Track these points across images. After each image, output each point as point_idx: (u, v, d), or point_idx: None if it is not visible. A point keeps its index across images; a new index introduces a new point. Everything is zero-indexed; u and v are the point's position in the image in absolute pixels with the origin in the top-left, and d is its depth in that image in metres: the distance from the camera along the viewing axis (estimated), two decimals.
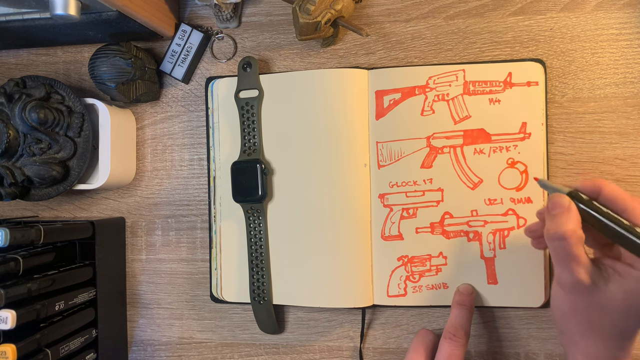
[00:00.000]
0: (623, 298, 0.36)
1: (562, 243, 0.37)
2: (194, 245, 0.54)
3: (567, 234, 0.36)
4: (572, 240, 0.36)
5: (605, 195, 0.38)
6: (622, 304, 0.36)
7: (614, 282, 0.37)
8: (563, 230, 0.37)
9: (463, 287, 0.48)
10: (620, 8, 0.48)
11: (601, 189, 0.38)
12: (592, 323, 0.38)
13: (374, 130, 0.50)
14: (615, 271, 0.37)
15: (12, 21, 0.47)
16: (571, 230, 0.37)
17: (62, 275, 0.47)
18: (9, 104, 0.48)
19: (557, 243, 0.37)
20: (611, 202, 0.37)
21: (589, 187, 0.38)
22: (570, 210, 0.37)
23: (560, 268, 0.38)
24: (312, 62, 0.52)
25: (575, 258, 0.37)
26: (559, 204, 0.38)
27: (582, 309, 0.38)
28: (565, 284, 0.38)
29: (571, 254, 0.37)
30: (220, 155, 0.52)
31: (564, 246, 0.37)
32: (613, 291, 0.36)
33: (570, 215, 0.37)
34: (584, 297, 0.37)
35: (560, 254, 0.37)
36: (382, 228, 0.50)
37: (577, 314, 0.38)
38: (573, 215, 0.37)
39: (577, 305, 0.38)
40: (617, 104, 0.48)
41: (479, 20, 0.50)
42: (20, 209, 0.57)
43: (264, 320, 0.52)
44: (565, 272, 0.37)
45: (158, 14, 0.50)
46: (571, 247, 0.36)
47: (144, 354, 0.55)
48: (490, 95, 0.48)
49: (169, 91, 0.55)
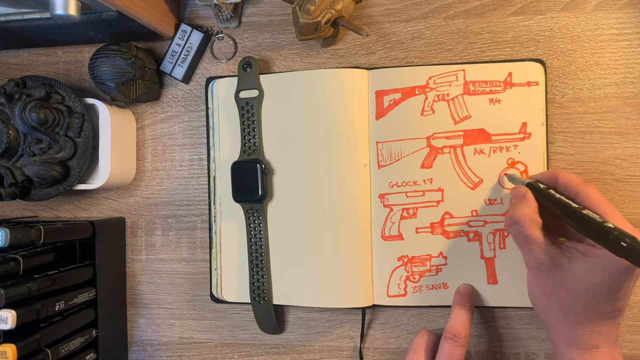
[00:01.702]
0: (587, 276, 0.38)
1: (518, 227, 0.40)
2: (194, 245, 0.54)
3: (521, 217, 0.40)
4: (526, 222, 0.40)
5: (561, 182, 0.41)
6: (587, 282, 0.38)
7: (576, 261, 0.39)
8: (517, 215, 0.40)
9: (463, 287, 0.48)
10: (620, 8, 0.48)
11: (557, 178, 0.41)
12: (563, 305, 0.40)
13: (374, 130, 0.50)
14: (578, 251, 0.39)
15: (12, 21, 0.47)
16: (525, 214, 0.40)
17: (62, 275, 0.47)
18: (9, 104, 0.48)
19: (514, 228, 0.41)
20: (566, 189, 0.40)
21: (547, 177, 0.42)
22: (526, 198, 0.41)
23: (523, 251, 0.41)
24: (312, 62, 0.52)
25: (531, 239, 0.39)
26: (517, 193, 0.42)
27: (551, 291, 0.40)
28: (529, 266, 0.41)
29: (527, 236, 0.40)
30: (220, 155, 0.52)
31: (520, 229, 0.40)
32: (577, 269, 0.38)
33: (526, 201, 0.41)
34: (550, 277, 0.40)
35: (518, 237, 0.41)
36: (382, 228, 0.50)
37: (548, 296, 0.40)
38: (529, 201, 0.41)
39: (546, 287, 0.40)
40: (617, 104, 0.48)
41: (479, 20, 0.50)
42: (20, 209, 0.57)
43: (264, 320, 0.52)
44: (527, 255, 0.41)
45: (158, 14, 0.50)
46: (526, 230, 0.39)
47: (144, 354, 0.55)
48: (490, 95, 0.48)
49: (169, 91, 0.55)
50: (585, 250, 0.39)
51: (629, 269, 0.37)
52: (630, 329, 0.48)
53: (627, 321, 0.48)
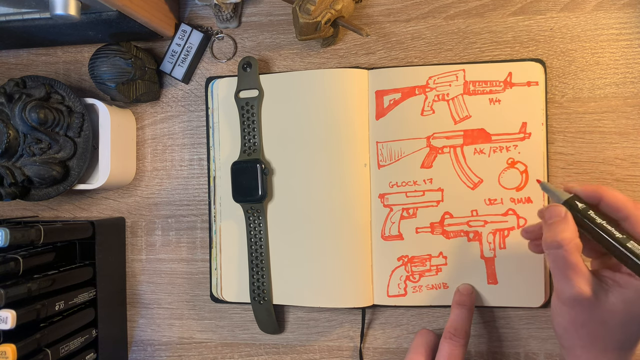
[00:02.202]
0: (623, 309, 0.36)
1: (560, 251, 0.36)
2: (194, 245, 0.54)
3: (564, 241, 0.36)
4: (569, 247, 0.36)
5: (607, 202, 0.37)
6: (623, 315, 0.36)
7: (614, 293, 0.36)
8: (560, 238, 0.36)
9: (463, 287, 0.48)
10: (620, 8, 0.48)
11: (602, 196, 0.37)
12: (594, 336, 0.37)
13: (374, 130, 0.50)
14: (615, 282, 0.36)
15: (12, 21, 0.47)
16: (568, 239, 0.36)
17: (62, 275, 0.47)
18: (9, 104, 0.48)
19: (554, 252, 0.36)
20: (613, 210, 0.37)
21: (589, 194, 0.38)
22: (566, 219, 0.37)
23: (559, 279, 0.37)
24: (312, 62, 0.52)
25: (573, 267, 0.36)
26: (556, 213, 0.37)
27: (583, 323, 0.37)
28: (565, 296, 0.37)
29: (569, 263, 0.36)
30: (220, 155, 0.52)
31: (561, 254, 0.36)
32: (614, 302, 0.36)
33: (567, 223, 0.37)
34: (585, 310, 0.37)
35: (558, 262, 0.37)
36: (382, 228, 0.50)
37: (578, 327, 0.37)
38: (570, 223, 0.37)
39: (578, 319, 0.37)
40: (617, 104, 0.48)
41: (479, 20, 0.50)
42: (20, 209, 0.57)
43: (264, 320, 0.52)
44: (564, 283, 0.37)
45: (158, 14, 0.50)
46: (569, 255, 0.36)
47: (144, 354, 0.55)
48: (490, 95, 0.48)
49: (169, 91, 0.55)
50: (624, 282, 0.36)
51: None
52: None
53: None
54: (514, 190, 0.48)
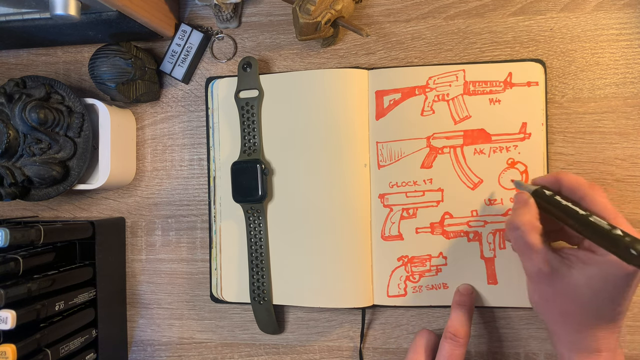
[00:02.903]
0: (587, 284, 0.38)
1: (518, 232, 0.40)
2: (194, 245, 0.54)
3: (521, 223, 0.39)
4: (527, 228, 0.39)
5: (565, 186, 0.40)
6: (587, 290, 0.38)
7: (576, 268, 0.38)
8: (518, 220, 0.40)
9: (463, 287, 0.48)
10: (620, 8, 0.48)
11: (560, 181, 0.40)
12: (563, 311, 0.39)
13: (374, 130, 0.50)
14: (577, 258, 0.38)
15: (12, 21, 0.47)
16: (526, 220, 0.39)
17: (62, 275, 0.47)
18: (9, 104, 0.48)
19: (514, 233, 0.40)
20: (571, 192, 0.40)
21: (550, 181, 0.41)
22: (527, 204, 0.40)
23: (521, 258, 0.41)
24: (312, 62, 0.52)
25: (530, 246, 0.39)
26: (519, 199, 0.41)
27: (550, 297, 0.40)
28: (528, 273, 0.41)
29: (527, 242, 0.39)
30: (220, 155, 0.52)
31: (519, 235, 0.40)
32: (576, 277, 0.38)
33: (527, 208, 0.40)
34: (549, 284, 0.39)
35: (517, 243, 0.40)
36: (382, 228, 0.50)
37: (548, 302, 0.40)
38: (531, 208, 0.40)
39: (545, 294, 0.40)
40: (617, 104, 0.48)
41: (479, 20, 0.50)
42: (20, 209, 0.57)
43: (264, 320, 0.52)
44: (526, 261, 0.40)
45: (158, 14, 0.50)
46: (526, 236, 0.39)
47: (144, 354, 0.55)
48: (490, 95, 0.48)
49: (169, 91, 0.55)
50: (585, 257, 0.38)
51: (629, 276, 0.36)
52: (630, 329, 0.48)
53: (627, 322, 0.48)
54: (514, 190, 0.48)
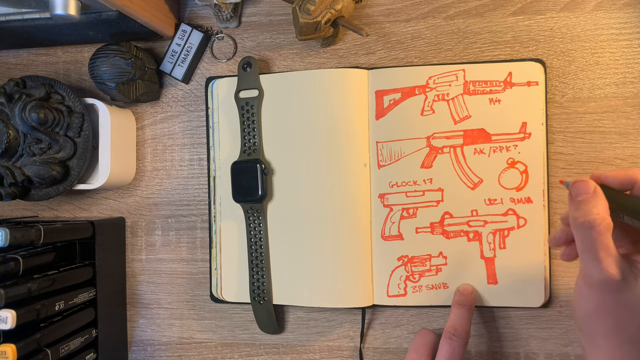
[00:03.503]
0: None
1: (590, 232, 0.34)
2: (194, 245, 0.54)
3: (595, 221, 0.33)
4: (601, 227, 0.33)
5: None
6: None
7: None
8: (591, 217, 0.34)
9: (463, 287, 0.48)
10: (620, 8, 0.48)
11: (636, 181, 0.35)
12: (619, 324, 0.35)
13: (374, 130, 0.50)
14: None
15: (12, 21, 0.47)
16: (600, 217, 0.34)
17: (62, 275, 0.47)
18: (9, 104, 0.48)
19: (584, 232, 0.34)
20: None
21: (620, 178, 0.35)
22: (596, 195, 0.34)
23: (588, 260, 0.34)
24: (312, 62, 0.52)
25: (604, 247, 0.33)
26: (584, 190, 0.35)
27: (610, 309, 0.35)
28: (593, 279, 0.35)
29: (600, 243, 0.33)
30: (220, 155, 0.52)
31: (592, 235, 0.33)
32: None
33: (597, 200, 0.34)
34: (612, 295, 0.34)
35: (588, 243, 0.34)
36: (382, 228, 0.50)
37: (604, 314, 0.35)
38: (600, 200, 0.34)
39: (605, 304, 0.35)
40: (617, 104, 0.48)
41: (479, 20, 0.50)
42: (20, 209, 0.57)
43: (264, 320, 0.52)
44: (593, 265, 0.34)
45: (158, 14, 0.50)
46: (600, 235, 0.33)
47: (144, 354, 0.55)
48: (490, 95, 0.48)
49: (169, 91, 0.55)
50: None
51: None
52: None
53: None
54: (514, 190, 0.48)
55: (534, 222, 0.48)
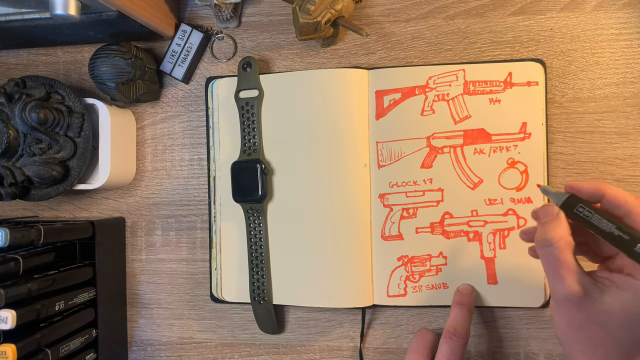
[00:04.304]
0: (621, 310, 0.35)
1: (550, 249, 0.36)
2: (194, 245, 0.54)
3: (554, 239, 0.36)
4: (560, 244, 0.36)
5: (608, 199, 0.36)
6: (621, 316, 0.35)
7: (610, 293, 0.35)
8: (550, 236, 0.36)
9: (463, 287, 0.48)
10: (620, 8, 0.48)
11: (603, 194, 0.37)
12: (592, 340, 0.36)
13: (374, 130, 0.50)
14: (612, 282, 0.36)
15: (12, 21, 0.47)
16: (558, 236, 0.36)
17: (62, 275, 0.47)
18: (9, 104, 0.48)
19: (545, 250, 0.37)
20: (615, 207, 0.36)
21: (590, 191, 0.37)
22: (558, 218, 0.37)
23: (551, 278, 0.37)
24: (312, 62, 0.52)
25: (563, 264, 0.36)
26: (549, 212, 0.38)
27: (579, 324, 0.36)
28: (558, 295, 0.37)
29: (559, 260, 0.36)
30: (220, 155, 0.52)
31: (552, 252, 0.36)
32: (610, 303, 0.35)
33: (558, 222, 0.37)
34: (579, 310, 0.36)
35: (549, 260, 0.37)
36: (382, 228, 0.50)
37: (575, 330, 0.37)
38: (561, 222, 0.37)
39: (574, 320, 0.36)
40: (617, 104, 0.48)
41: (479, 20, 0.50)
42: (20, 209, 0.57)
43: (264, 320, 0.52)
44: (556, 282, 0.36)
45: (158, 14, 0.50)
46: (559, 253, 0.36)
47: (144, 354, 0.55)
48: (490, 95, 0.48)
49: (169, 91, 0.55)
50: (620, 281, 0.35)
51: None
52: None
53: None
54: (514, 190, 0.48)
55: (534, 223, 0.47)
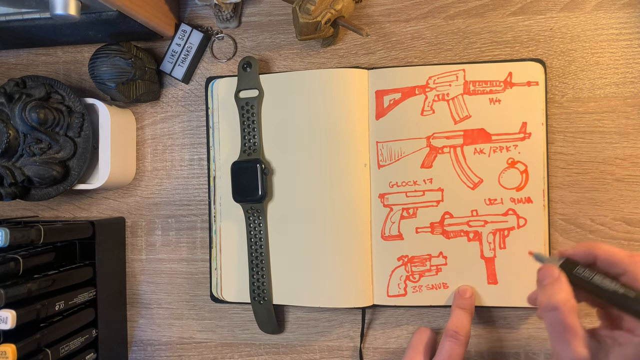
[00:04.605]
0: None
1: (556, 314, 0.35)
2: (194, 245, 0.54)
3: (559, 303, 0.35)
4: (565, 309, 0.35)
5: (602, 259, 0.36)
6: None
7: (614, 352, 0.35)
8: (555, 300, 0.35)
9: (463, 288, 0.48)
10: (620, 8, 0.48)
11: (596, 254, 0.37)
12: None
13: (374, 130, 0.50)
14: (614, 341, 0.35)
15: (12, 21, 0.47)
16: (564, 299, 0.35)
17: (62, 275, 0.47)
18: (9, 104, 0.48)
19: (550, 314, 0.36)
20: (609, 266, 0.36)
21: (583, 253, 0.37)
22: (559, 280, 0.36)
23: (557, 342, 0.36)
24: (312, 62, 0.52)
25: (571, 329, 0.35)
26: (549, 274, 0.37)
27: None
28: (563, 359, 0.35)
29: (566, 325, 0.35)
30: (220, 155, 0.52)
31: (558, 317, 0.35)
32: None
33: (560, 284, 0.36)
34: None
35: (555, 325, 0.35)
36: (382, 228, 0.50)
37: None
38: (563, 284, 0.36)
39: None
40: (617, 104, 0.48)
41: (479, 20, 0.50)
42: (20, 209, 0.57)
43: (264, 320, 0.52)
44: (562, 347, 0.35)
45: (158, 14, 0.50)
46: (565, 318, 0.35)
47: (144, 354, 0.55)
48: (490, 95, 0.48)
49: (169, 91, 0.55)
50: (622, 338, 0.35)
51: None
52: None
53: None
54: (514, 190, 0.48)
55: (534, 222, 0.48)
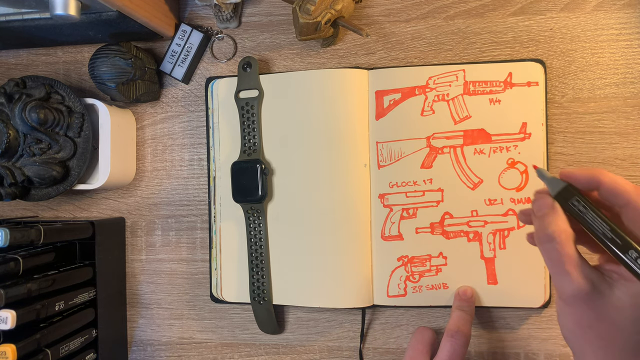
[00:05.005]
0: (632, 304, 0.32)
1: (552, 244, 0.34)
2: (194, 245, 0.54)
3: (555, 233, 0.34)
4: (561, 238, 0.34)
5: (606, 188, 0.34)
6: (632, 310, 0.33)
7: (619, 287, 0.33)
8: (551, 230, 0.34)
9: (463, 289, 0.48)
10: (620, 8, 0.48)
11: (600, 182, 0.34)
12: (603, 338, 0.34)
13: (374, 130, 0.50)
14: (620, 275, 0.33)
15: (12, 21, 0.47)
16: (559, 230, 0.34)
17: (62, 275, 0.47)
18: (9, 104, 0.48)
19: (547, 246, 0.34)
20: (612, 196, 0.34)
21: (586, 179, 0.35)
22: (555, 210, 0.35)
23: (556, 275, 0.34)
24: (312, 62, 0.52)
25: (568, 258, 0.33)
26: (544, 205, 0.35)
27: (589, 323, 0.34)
28: (565, 293, 0.34)
29: (563, 254, 0.33)
30: (220, 155, 0.52)
31: (554, 247, 0.34)
32: (619, 297, 0.33)
33: (555, 214, 0.34)
34: (589, 307, 0.33)
35: (552, 256, 0.34)
36: (382, 228, 0.50)
37: (585, 329, 0.34)
38: (559, 214, 0.34)
39: (583, 319, 0.34)
40: (617, 104, 0.48)
41: (479, 20, 0.50)
42: (20, 209, 0.57)
43: (264, 320, 0.52)
44: (562, 279, 0.34)
45: (158, 14, 0.50)
46: (562, 247, 0.33)
47: (144, 354, 0.55)
48: (490, 95, 0.48)
49: (169, 91, 0.55)
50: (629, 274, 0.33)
51: None
52: None
53: None
54: (514, 190, 0.48)
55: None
